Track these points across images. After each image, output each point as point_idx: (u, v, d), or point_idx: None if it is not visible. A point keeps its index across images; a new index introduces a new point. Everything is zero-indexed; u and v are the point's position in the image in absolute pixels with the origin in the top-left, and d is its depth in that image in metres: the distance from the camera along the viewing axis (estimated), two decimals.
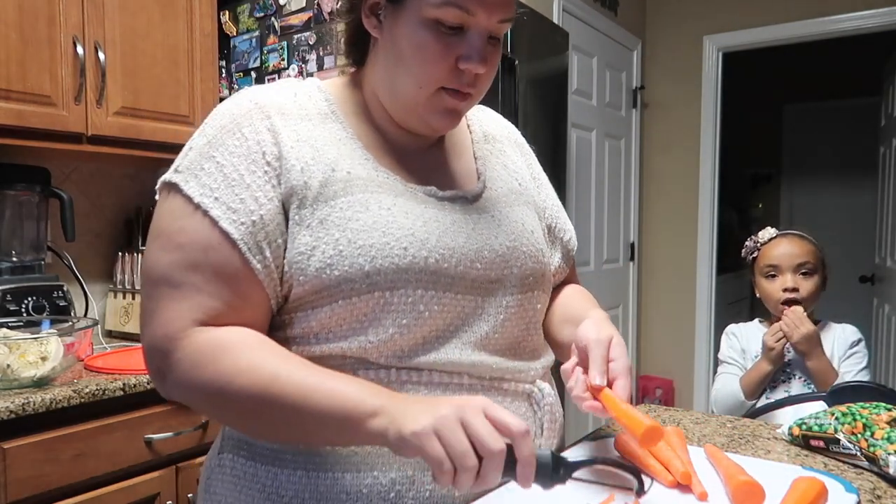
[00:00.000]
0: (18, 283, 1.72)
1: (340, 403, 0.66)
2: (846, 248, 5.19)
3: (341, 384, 0.68)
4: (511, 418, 0.61)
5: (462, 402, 0.62)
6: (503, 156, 0.95)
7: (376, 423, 0.64)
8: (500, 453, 0.60)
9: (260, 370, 0.69)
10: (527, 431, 0.61)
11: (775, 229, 1.82)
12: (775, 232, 1.81)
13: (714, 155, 3.84)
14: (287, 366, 0.70)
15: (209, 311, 0.72)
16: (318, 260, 0.73)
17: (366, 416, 0.65)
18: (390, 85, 0.79)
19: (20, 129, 1.57)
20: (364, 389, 0.67)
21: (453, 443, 0.60)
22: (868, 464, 0.88)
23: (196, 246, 0.72)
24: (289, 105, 0.80)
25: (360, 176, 0.78)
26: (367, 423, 0.65)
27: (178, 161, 0.78)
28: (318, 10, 1.99)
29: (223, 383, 0.69)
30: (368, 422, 0.65)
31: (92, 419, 1.38)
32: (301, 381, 0.68)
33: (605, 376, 0.75)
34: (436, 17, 0.73)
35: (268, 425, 0.72)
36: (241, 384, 0.69)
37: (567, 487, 0.77)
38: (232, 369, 0.69)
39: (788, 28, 3.60)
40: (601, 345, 0.77)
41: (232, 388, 0.69)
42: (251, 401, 0.69)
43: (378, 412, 0.64)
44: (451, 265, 0.77)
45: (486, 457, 0.60)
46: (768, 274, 1.78)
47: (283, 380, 0.68)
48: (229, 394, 0.70)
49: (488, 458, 0.60)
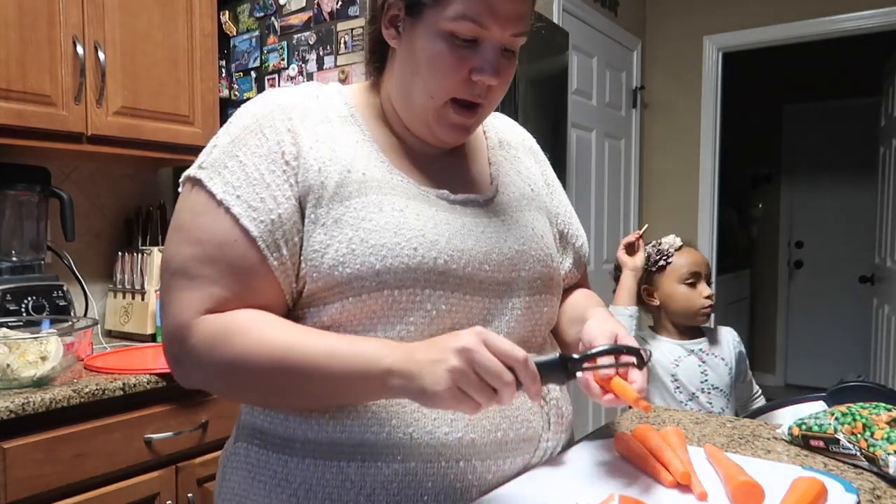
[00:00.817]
0: (18, 282, 1.72)
1: (354, 366, 0.70)
2: (846, 248, 5.20)
3: (351, 346, 0.72)
4: (510, 349, 0.66)
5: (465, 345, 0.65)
6: (517, 162, 0.98)
7: (394, 382, 0.68)
8: (512, 382, 0.65)
9: (272, 343, 0.72)
10: (525, 359, 0.66)
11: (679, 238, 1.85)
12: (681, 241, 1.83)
13: (714, 155, 3.84)
14: (297, 336, 0.74)
15: (219, 300, 0.75)
16: (331, 257, 0.76)
17: (382, 375, 0.68)
18: (405, 94, 0.82)
19: (20, 128, 1.57)
20: (374, 349, 0.71)
21: (475, 391, 0.65)
22: (868, 464, 0.88)
23: (214, 241, 0.76)
24: (310, 107, 0.83)
25: (375, 178, 0.80)
26: (385, 381, 0.69)
27: (203, 157, 0.81)
28: (318, 10, 1.99)
29: (239, 361, 0.73)
30: (386, 381, 0.68)
31: (92, 419, 1.38)
32: (313, 349, 0.72)
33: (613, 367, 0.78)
34: (451, 29, 0.76)
35: (286, 395, 0.76)
36: (255, 359, 0.72)
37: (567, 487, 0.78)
38: (245, 347, 0.73)
39: (788, 28, 3.60)
40: (606, 339, 0.80)
41: (248, 364, 0.73)
42: (267, 374, 0.73)
43: (392, 371, 0.68)
44: (460, 266, 0.79)
45: (500, 388, 0.65)
46: (688, 281, 1.77)
47: (296, 349, 0.72)
48: (245, 370, 0.73)
49: (502, 388, 0.65)
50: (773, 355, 5.52)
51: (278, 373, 0.72)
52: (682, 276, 1.77)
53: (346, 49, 1.93)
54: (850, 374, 4.32)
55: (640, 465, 0.83)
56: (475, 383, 0.64)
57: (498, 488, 0.78)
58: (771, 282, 5.53)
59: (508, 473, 0.81)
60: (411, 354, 0.68)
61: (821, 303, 5.31)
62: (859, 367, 4.70)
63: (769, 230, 5.55)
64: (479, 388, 0.65)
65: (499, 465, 0.80)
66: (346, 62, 1.93)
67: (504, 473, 0.81)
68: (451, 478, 0.77)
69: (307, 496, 0.77)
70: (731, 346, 1.84)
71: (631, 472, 0.83)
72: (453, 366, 0.64)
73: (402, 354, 0.69)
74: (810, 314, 5.37)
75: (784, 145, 5.46)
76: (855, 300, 4.98)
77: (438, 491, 0.77)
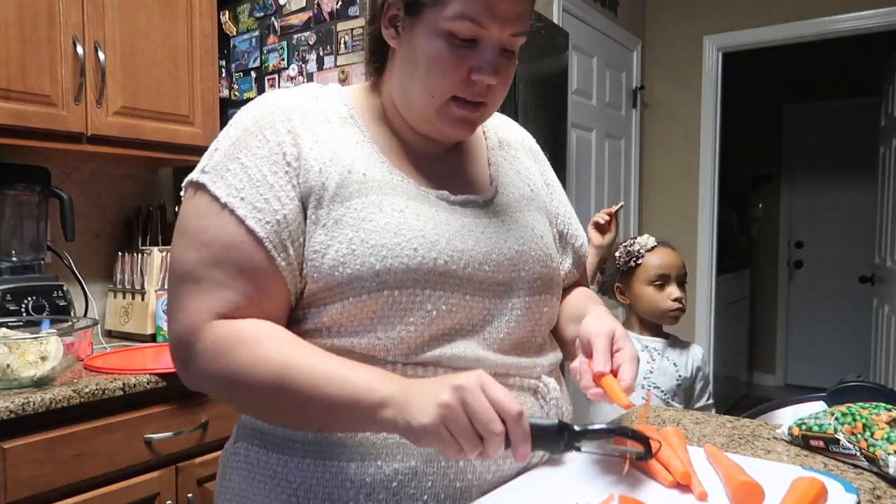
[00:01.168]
0: (18, 282, 1.72)
1: (349, 393, 0.69)
2: (846, 248, 5.20)
3: (349, 372, 0.71)
4: (506, 400, 0.64)
5: (462, 383, 0.64)
6: (517, 162, 0.98)
7: (386, 413, 0.67)
8: (501, 434, 0.63)
9: (273, 360, 0.72)
10: (519, 414, 0.64)
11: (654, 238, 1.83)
12: (655, 241, 1.82)
13: (714, 155, 3.84)
14: (298, 355, 0.73)
15: (230, 304, 0.75)
16: (331, 258, 0.76)
17: (375, 406, 0.67)
18: (405, 93, 0.82)
19: (20, 128, 1.57)
20: (370, 378, 0.70)
21: (460, 431, 0.63)
22: (868, 464, 0.88)
23: (220, 244, 0.76)
24: (310, 108, 0.83)
25: (375, 178, 0.80)
26: (377, 413, 0.67)
27: (205, 161, 0.81)
28: (318, 10, 1.99)
29: (240, 374, 0.73)
30: (378, 412, 0.67)
31: (92, 419, 1.38)
32: (311, 371, 0.71)
33: (609, 364, 0.78)
34: (450, 29, 0.76)
35: (282, 413, 0.75)
36: (255, 374, 0.72)
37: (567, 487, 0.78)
38: (247, 360, 0.72)
39: (788, 28, 3.60)
40: (604, 336, 0.80)
41: (248, 378, 0.73)
42: (265, 390, 0.73)
43: (386, 403, 0.67)
44: (460, 267, 0.80)
45: (486, 437, 0.63)
46: (655, 282, 1.76)
47: (294, 369, 0.71)
48: (245, 384, 0.73)
49: (489, 438, 0.63)
50: (773, 355, 5.52)
51: (275, 390, 0.72)
52: (649, 277, 1.76)
53: (346, 49, 1.93)
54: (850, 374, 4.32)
55: (640, 464, 0.83)
56: (463, 425, 0.63)
57: (498, 488, 0.78)
58: (771, 282, 5.53)
59: (508, 473, 0.81)
60: (405, 388, 0.68)
61: (821, 303, 5.31)
62: (859, 367, 4.70)
63: (769, 230, 5.55)
64: (465, 431, 0.63)
65: (499, 464, 0.80)
66: (346, 62, 1.93)
67: (504, 473, 0.81)
68: (451, 477, 0.77)
69: (307, 496, 0.77)
70: (692, 359, 1.81)
71: (631, 472, 0.83)
72: (444, 400, 0.63)
73: (398, 387, 0.68)
74: (810, 314, 5.37)
75: (784, 145, 5.46)
76: (855, 300, 4.98)
77: (438, 490, 0.77)
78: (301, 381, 0.71)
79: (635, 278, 1.79)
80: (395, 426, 0.67)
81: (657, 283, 1.75)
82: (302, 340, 0.77)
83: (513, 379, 0.84)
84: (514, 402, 0.64)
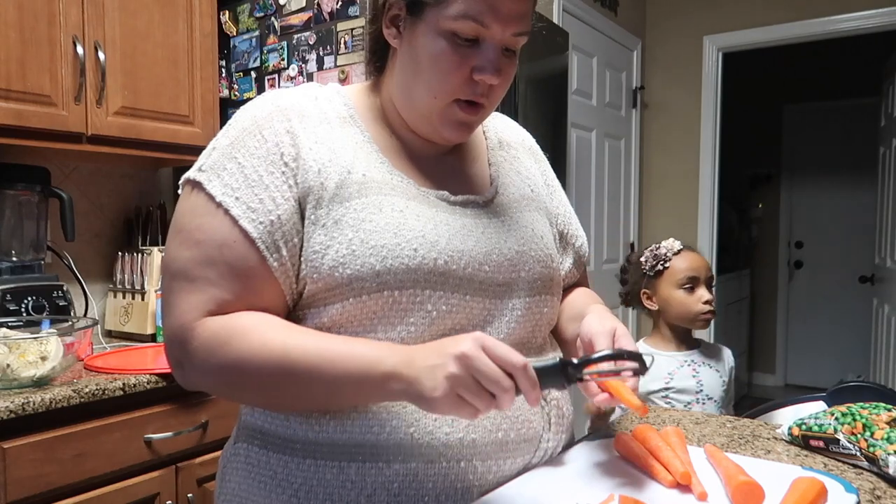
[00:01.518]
0: (18, 282, 1.72)
1: (354, 369, 0.70)
2: (846, 248, 5.20)
3: (351, 348, 0.72)
4: (508, 354, 0.65)
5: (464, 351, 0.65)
6: (517, 162, 0.98)
7: (394, 386, 0.68)
8: (511, 388, 0.65)
9: (271, 345, 0.73)
10: (524, 365, 0.66)
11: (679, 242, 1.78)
12: (680, 244, 1.77)
13: (714, 155, 3.84)
14: (297, 338, 0.73)
15: (221, 302, 0.76)
16: (331, 258, 0.76)
17: (382, 379, 0.69)
18: (407, 94, 0.82)
19: (20, 128, 1.57)
20: (373, 351, 0.71)
21: (473, 396, 0.65)
22: (868, 464, 0.88)
23: (213, 243, 0.76)
24: (309, 108, 0.83)
25: (375, 178, 0.80)
26: (385, 386, 0.69)
27: (202, 160, 0.81)
28: (318, 10, 1.99)
29: (239, 364, 0.73)
30: (386, 385, 0.69)
31: (92, 419, 1.38)
32: (313, 351, 0.72)
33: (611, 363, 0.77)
34: (452, 28, 0.76)
35: (287, 397, 0.76)
36: (256, 362, 0.72)
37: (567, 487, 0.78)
38: (246, 349, 0.73)
39: (788, 28, 3.60)
40: (605, 334, 0.80)
41: (248, 367, 0.73)
42: (267, 377, 0.73)
43: (392, 376, 0.68)
44: (460, 267, 0.80)
45: (498, 394, 0.65)
46: (685, 286, 1.72)
47: (295, 352, 0.72)
48: (246, 373, 0.74)
49: (501, 394, 0.65)
50: (773, 355, 5.52)
51: (279, 375, 0.72)
52: (679, 280, 1.72)
53: (346, 49, 1.93)
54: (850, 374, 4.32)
55: (640, 465, 0.83)
56: (473, 389, 0.64)
57: (498, 488, 0.78)
58: (771, 282, 5.53)
59: (509, 474, 0.81)
60: (411, 359, 0.68)
61: (821, 303, 5.31)
62: (859, 367, 4.70)
63: (769, 230, 5.55)
64: (478, 393, 0.65)
65: (499, 465, 0.80)
66: (346, 62, 1.93)
67: (504, 474, 0.81)
68: (452, 478, 0.77)
69: (308, 497, 0.77)
70: (727, 361, 1.80)
71: (631, 472, 0.83)
72: (451, 372, 0.64)
73: (401, 358, 0.68)
74: (810, 314, 5.37)
75: (784, 145, 5.46)
76: (855, 300, 4.98)
77: (439, 491, 0.77)
78: (304, 363, 0.71)
79: (663, 282, 1.74)
80: (406, 397, 0.68)
81: (687, 287, 1.71)
82: (296, 325, 0.77)
83: None
84: (516, 354, 0.66)
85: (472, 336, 0.67)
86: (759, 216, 5.58)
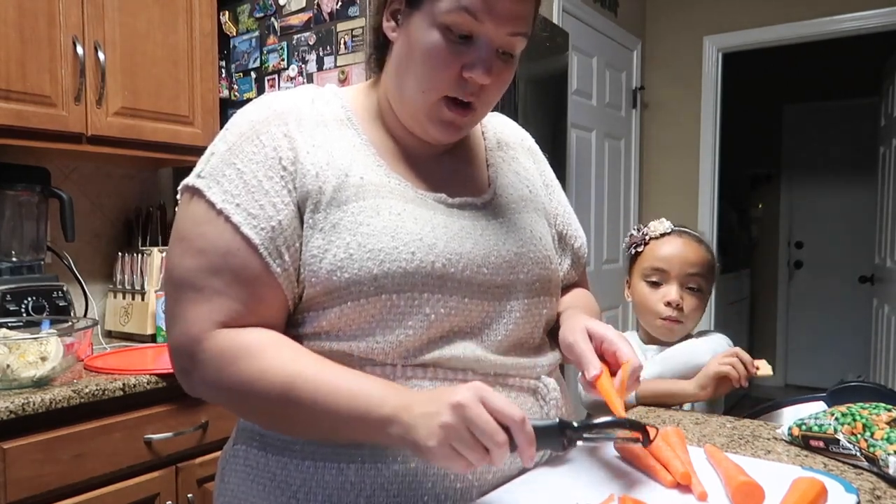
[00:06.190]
0: (18, 283, 1.72)
1: (357, 407, 0.70)
2: (846, 248, 5.20)
3: (356, 385, 0.71)
4: (507, 408, 0.64)
5: (460, 400, 0.64)
6: (515, 163, 0.97)
7: (393, 430, 0.68)
8: (505, 443, 0.64)
9: (278, 372, 0.72)
10: (522, 420, 0.64)
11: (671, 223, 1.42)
12: (671, 226, 1.41)
13: (714, 155, 3.84)
14: (305, 367, 0.73)
15: (230, 312, 0.75)
16: (329, 262, 0.75)
17: (383, 421, 0.68)
18: (398, 87, 0.82)
19: (20, 129, 1.57)
20: (377, 392, 0.70)
21: (466, 449, 0.64)
22: (868, 464, 0.88)
23: (217, 251, 0.75)
24: (306, 111, 0.82)
25: (373, 182, 0.80)
26: (384, 428, 0.68)
27: (201, 166, 0.81)
28: (318, 11, 1.99)
29: (246, 386, 0.73)
30: (385, 428, 0.68)
31: (92, 419, 1.38)
32: (319, 383, 0.72)
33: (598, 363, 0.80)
34: (447, 22, 0.76)
35: (290, 424, 0.76)
36: (261, 386, 0.73)
37: (567, 487, 0.78)
38: (253, 372, 0.73)
39: (788, 28, 3.60)
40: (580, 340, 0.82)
41: (253, 390, 0.73)
42: (271, 402, 0.73)
43: (392, 420, 0.68)
44: (458, 270, 0.79)
45: (491, 448, 0.64)
46: (650, 278, 1.38)
47: (300, 383, 0.72)
48: (251, 396, 0.74)
49: (493, 449, 0.64)
50: (773, 355, 5.52)
51: (282, 404, 0.72)
52: (642, 271, 1.39)
53: (346, 49, 1.93)
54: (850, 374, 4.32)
55: (640, 465, 0.83)
56: (467, 441, 0.63)
57: (498, 488, 0.78)
58: (771, 282, 5.53)
59: (508, 474, 0.81)
60: (409, 405, 0.67)
61: (821, 303, 5.31)
62: (859, 367, 4.70)
63: (769, 230, 5.55)
64: (471, 446, 0.63)
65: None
66: (346, 63, 1.93)
67: (504, 473, 0.81)
68: (452, 478, 0.77)
69: (307, 498, 0.77)
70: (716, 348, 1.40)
71: (631, 472, 0.83)
72: (445, 421, 0.63)
73: (401, 402, 0.68)
74: (810, 314, 5.37)
75: (784, 145, 5.46)
76: (855, 300, 4.98)
77: (439, 492, 0.76)
78: (309, 394, 0.71)
79: (634, 270, 1.43)
80: (403, 443, 0.68)
81: (651, 280, 1.38)
82: (305, 349, 0.77)
83: (512, 379, 0.84)
84: (514, 408, 0.64)
85: (471, 386, 0.66)
86: (759, 216, 5.58)
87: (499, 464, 0.65)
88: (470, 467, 0.65)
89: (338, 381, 0.71)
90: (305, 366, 0.73)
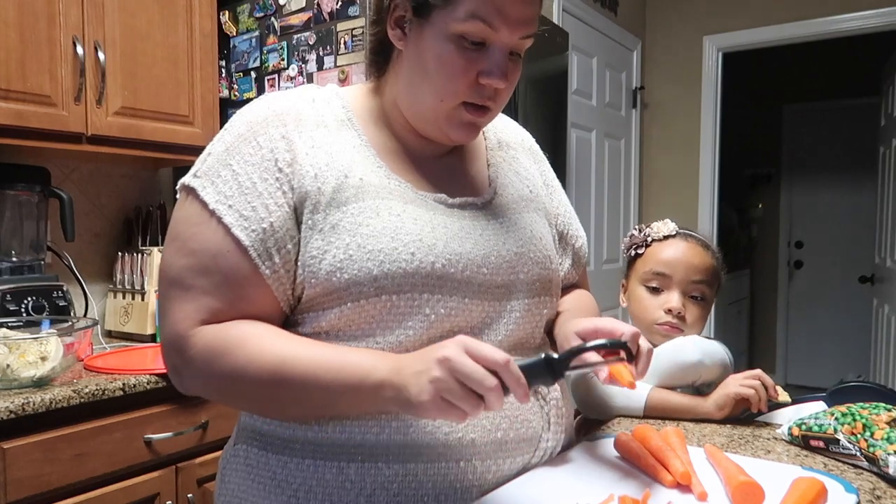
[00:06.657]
0: (18, 283, 1.72)
1: (348, 378, 0.71)
2: (846, 248, 5.20)
3: (345, 358, 0.72)
4: (491, 353, 0.65)
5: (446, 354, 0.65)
6: (516, 163, 0.97)
7: (386, 394, 0.69)
8: (496, 387, 0.64)
9: (267, 356, 0.73)
10: (507, 362, 0.65)
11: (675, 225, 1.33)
12: (675, 228, 1.31)
13: (714, 155, 3.84)
14: (292, 348, 0.74)
15: (215, 311, 0.76)
16: (328, 263, 0.76)
17: (375, 387, 0.69)
18: (412, 96, 0.82)
19: (20, 129, 1.57)
20: (366, 361, 0.71)
21: (459, 399, 0.64)
22: (868, 464, 0.88)
23: (208, 252, 0.76)
24: (306, 112, 0.82)
25: (372, 182, 0.80)
26: (378, 394, 0.69)
27: (198, 165, 0.81)
28: (317, 10, 1.99)
29: (235, 375, 0.74)
30: (379, 393, 0.69)
31: (92, 419, 1.38)
32: (308, 361, 0.72)
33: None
34: (460, 31, 0.76)
35: (283, 406, 0.77)
36: (251, 373, 0.73)
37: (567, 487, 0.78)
38: (242, 360, 0.74)
39: (788, 28, 3.60)
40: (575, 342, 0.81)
41: (244, 378, 0.74)
42: (263, 387, 0.74)
43: (384, 384, 0.69)
44: (458, 270, 0.79)
45: (485, 393, 0.64)
46: (651, 283, 1.27)
47: (290, 363, 0.73)
48: (242, 384, 0.75)
49: (486, 394, 0.64)
50: (773, 355, 5.52)
51: (274, 386, 0.73)
52: (642, 275, 1.29)
53: (346, 49, 1.93)
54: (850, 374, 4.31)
55: (640, 465, 0.83)
56: (458, 392, 0.64)
57: (498, 488, 0.78)
58: (771, 282, 5.53)
59: (508, 473, 0.81)
60: (399, 367, 0.68)
61: (821, 303, 5.31)
62: (859, 367, 4.70)
63: (769, 230, 5.55)
64: (463, 395, 0.64)
65: (499, 465, 0.80)
66: (346, 62, 1.93)
67: (504, 473, 0.81)
68: (452, 478, 0.77)
69: (307, 497, 0.77)
70: None
71: (631, 472, 0.83)
72: (435, 376, 0.64)
73: (391, 366, 0.69)
74: (810, 314, 5.37)
75: (784, 145, 5.46)
76: (855, 300, 4.98)
77: (439, 492, 0.77)
78: (299, 373, 0.72)
79: (633, 273, 1.33)
80: (397, 404, 0.68)
81: (651, 285, 1.27)
82: (290, 334, 0.78)
83: None
84: (498, 353, 0.65)
85: (455, 340, 0.67)
86: (759, 216, 5.58)
87: (495, 408, 0.65)
88: (465, 416, 0.65)
89: (327, 357, 0.72)
90: (293, 347, 0.74)
